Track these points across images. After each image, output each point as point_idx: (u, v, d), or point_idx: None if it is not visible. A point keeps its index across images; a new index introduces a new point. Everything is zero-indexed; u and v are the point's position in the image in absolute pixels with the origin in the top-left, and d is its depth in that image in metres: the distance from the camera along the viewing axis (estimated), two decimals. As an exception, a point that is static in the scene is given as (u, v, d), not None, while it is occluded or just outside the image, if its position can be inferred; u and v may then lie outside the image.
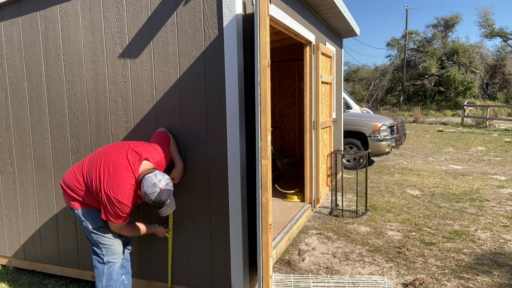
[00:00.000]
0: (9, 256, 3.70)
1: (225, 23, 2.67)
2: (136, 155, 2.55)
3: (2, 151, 3.57)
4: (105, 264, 2.71)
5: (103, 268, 2.71)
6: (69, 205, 2.69)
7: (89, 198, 2.61)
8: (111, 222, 2.54)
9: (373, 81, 35.70)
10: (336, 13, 5.39)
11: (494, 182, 7.19)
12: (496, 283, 3.38)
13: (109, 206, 2.47)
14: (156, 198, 2.42)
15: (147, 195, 2.41)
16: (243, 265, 2.84)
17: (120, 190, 2.45)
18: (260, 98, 2.53)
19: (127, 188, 2.46)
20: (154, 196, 2.41)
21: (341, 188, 5.76)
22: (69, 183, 2.64)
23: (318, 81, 4.70)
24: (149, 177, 2.43)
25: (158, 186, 2.42)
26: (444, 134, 15.53)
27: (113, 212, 2.48)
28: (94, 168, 2.56)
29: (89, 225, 2.65)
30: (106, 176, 2.49)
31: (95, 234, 2.67)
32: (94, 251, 2.75)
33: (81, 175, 2.61)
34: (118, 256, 2.77)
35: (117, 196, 2.44)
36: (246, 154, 2.88)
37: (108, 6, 2.99)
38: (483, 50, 33.17)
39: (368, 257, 3.93)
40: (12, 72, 3.41)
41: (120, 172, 2.48)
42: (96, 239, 2.68)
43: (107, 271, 2.71)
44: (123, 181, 2.46)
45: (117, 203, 2.45)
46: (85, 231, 2.73)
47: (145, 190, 2.42)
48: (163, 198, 2.44)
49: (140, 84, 2.97)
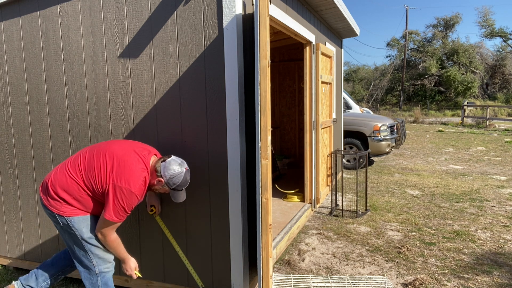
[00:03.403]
0: (9, 256, 3.70)
1: (225, 23, 2.67)
2: (144, 150, 2.52)
3: (2, 151, 3.57)
4: (98, 276, 2.54)
5: (96, 280, 2.54)
6: (57, 212, 2.44)
7: (87, 201, 2.45)
8: (110, 219, 2.35)
9: (373, 81, 35.70)
10: (336, 13, 5.39)
11: (494, 182, 7.20)
12: (496, 283, 3.38)
13: (118, 199, 2.32)
14: (183, 179, 2.46)
15: (174, 177, 2.41)
16: (243, 265, 2.84)
17: (133, 181, 2.34)
18: (260, 98, 2.54)
19: (140, 179, 2.38)
20: (181, 176, 2.44)
21: (341, 188, 5.76)
22: (64, 184, 2.42)
23: (318, 81, 4.70)
24: (170, 160, 2.46)
25: (184, 165, 2.48)
26: (444, 134, 15.53)
27: (120, 206, 2.33)
28: (97, 162, 2.40)
29: (83, 233, 2.46)
30: (116, 168, 2.36)
31: (87, 243, 2.48)
32: (83, 264, 2.54)
33: (79, 173, 2.42)
34: (111, 265, 2.61)
35: (130, 187, 2.32)
36: (246, 154, 2.88)
37: (108, 6, 2.99)
38: (483, 50, 33.19)
39: (368, 257, 3.93)
40: (12, 72, 3.41)
41: (132, 164, 2.38)
42: (88, 249, 2.49)
43: (101, 281, 2.55)
44: (136, 172, 2.37)
45: (128, 194, 2.32)
46: (72, 241, 2.50)
47: (171, 173, 2.41)
48: (188, 178, 2.51)
49: (140, 84, 2.97)
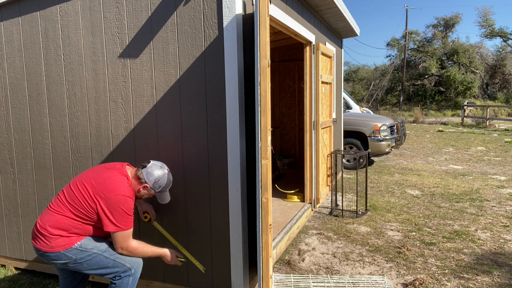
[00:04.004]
0: (9, 256, 3.70)
1: (225, 23, 2.67)
2: (115, 164, 2.56)
3: (2, 151, 3.57)
4: (130, 276, 2.46)
5: (127, 281, 2.46)
6: (61, 248, 2.33)
7: (85, 228, 2.39)
8: (117, 229, 2.34)
9: (373, 81, 35.68)
10: (336, 13, 5.39)
11: (494, 182, 7.19)
12: (496, 283, 3.38)
13: (113, 208, 2.32)
14: (167, 180, 2.53)
15: (158, 180, 2.47)
16: (243, 265, 2.84)
17: (119, 187, 2.36)
18: (260, 98, 2.54)
19: (124, 184, 2.39)
20: (165, 178, 2.52)
21: (341, 188, 5.76)
22: (55, 222, 2.34)
23: (318, 81, 4.70)
24: (150, 166, 2.50)
25: (164, 167, 2.54)
26: (444, 134, 15.53)
27: (119, 213, 2.31)
28: (77, 191, 2.37)
29: (98, 247, 2.41)
30: (97, 186, 2.35)
31: (109, 251, 2.42)
32: (112, 273, 2.44)
33: (64, 208, 2.36)
34: (139, 262, 2.56)
35: (118, 192, 2.33)
36: (246, 154, 2.88)
37: (108, 6, 2.99)
38: (483, 50, 33.17)
39: (368, 257, 3.93)
40: (12, 72, 3.41)
41: (111, 176, 2.40)
42: (114, 258, 2.43)
43: (132, 282, 2.48)
44: (117, 179, 2.39)
45: (121, 199, 2.32)
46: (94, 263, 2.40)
47: (155, 177, 2.46)
48: (171, 178, 2.59)
49: (140, 84, 2.97)
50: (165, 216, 3.01)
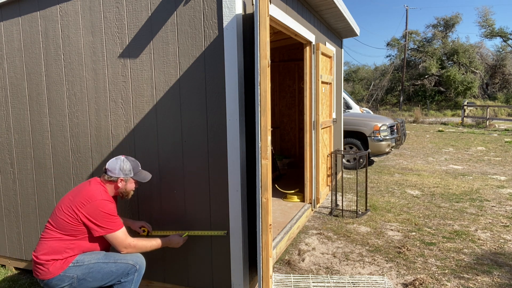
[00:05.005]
0: (9, 256, 3.70)
1: (225, 23, 2.67)
2: (88, 180, 2.63)
3: (2, 151, 3.57)
4: (136, 272, 2.51)
5: (132, 277, 2.52)
6: (60, 269, 2.39)
7: (79, 245, 2.45)
8: (110, 231, 2.43)
9: (373, 81, 35.68)
10: (336, 13, 5.39)
11: (494, 182, 7.19)
12: (496, 283, 3.38)
13: (96, 214, 2.40)
14: (130, 162, 2.61)
15: (122, 168, 2.57)
16: (243, 265, 2.84)
17: (95, 193, 2.46)
18: (260, 98, 2.53)
19: (100, 191, 2.50)
20: (126, 162, 2.59)
21: (341, 188, 5.76)
22: (48, 249, 2.40)
23: (318, 81, 4.70)
24: (108, 166, 2.58)
25: (119, 157, 2.63)
26: (444, 134, 15.53)
27: (103, 217, 2.40)
28: (60, 214, 2.44)
29: (97, 255, 2.47)
30: (74, 201, 2.43)
31: (107, 256, 2.48)
32: (118, 276, 2.48)
33: (54, 232, 2.44)
34: (141, 258, 2.60)
35: (95, 198, 2.43)
36: (246, 154, 2.88)
37: (108, 6, 2.99)
38: (483, 50, 33.16)
39: (368, 257, 3.93)
40: (12, 72, 3.41)
41: (86, 187, 2.51)
42: (115, 260, 2.48)
43: (137, 277, 2.54)
44: (91, 187, 2.51)
45: (100, 204, 2.41)
46: (97, 272, 2.43)
47: (118, 167, 2.56)
48: (132, 158, 2.66)
49: (140, 84, 2.97)
50: (164, 216, 3.01)
